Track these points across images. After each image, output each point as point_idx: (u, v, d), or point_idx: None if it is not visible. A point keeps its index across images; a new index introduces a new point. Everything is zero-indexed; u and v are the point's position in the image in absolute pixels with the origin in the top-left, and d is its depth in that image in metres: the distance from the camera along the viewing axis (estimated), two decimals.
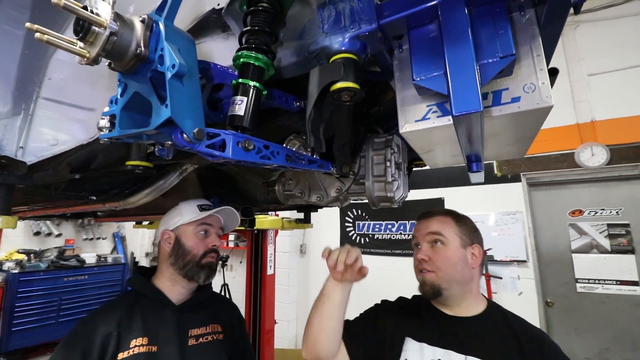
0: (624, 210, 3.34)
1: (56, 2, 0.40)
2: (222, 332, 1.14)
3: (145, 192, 1.22)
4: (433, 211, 1.15)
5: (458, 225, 1.08)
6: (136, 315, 1.02)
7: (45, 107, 0.76)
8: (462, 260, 1.03)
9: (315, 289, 4.57)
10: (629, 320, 3.12)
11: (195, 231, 1.11)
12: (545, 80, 0.63)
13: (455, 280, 1.02)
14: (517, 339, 0.96)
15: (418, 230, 1.13)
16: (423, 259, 1.06)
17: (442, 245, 1.04)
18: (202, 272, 1.08)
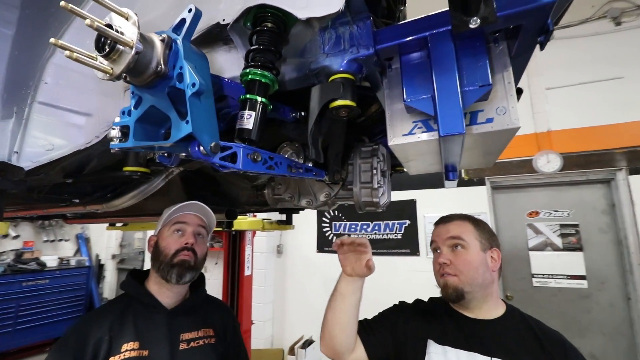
0: (574, 212, 3.69)
1: (90, 24, 0.43)
2: (215, 336, 1.14)
3: (129, 195, 1.21)
4: (451, 216, 1.16)
5: (477, 230, 1.09)
6: (128, 320, 1.02)
7: (41, 111, 0.75)
8: (483, 264, 1.04)
9: (292, 289, 4.63)
10: (577, 310, 3.46)
11: (170, 231, 1.11)
12: (515, 105, 0.73)
13: (477, 283, 1.03)
14: (538, 340, 0.97)
15: (438, 235, 1.13)
16: (445, 263, 1.06)
17: (463, 249, 1.05)
18: (172, 271, 1.06)
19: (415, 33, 0.66)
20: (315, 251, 4.53)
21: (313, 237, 4.57)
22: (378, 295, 3.97)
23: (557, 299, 3.58)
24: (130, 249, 6.05)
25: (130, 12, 0.48)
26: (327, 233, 4.52)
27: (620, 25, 3.43)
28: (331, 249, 4.44)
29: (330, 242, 4.47)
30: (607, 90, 3.43)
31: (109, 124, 0.79)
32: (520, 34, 0.66)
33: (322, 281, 4.42)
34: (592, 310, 3.42)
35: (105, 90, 0.80)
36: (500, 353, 0.95)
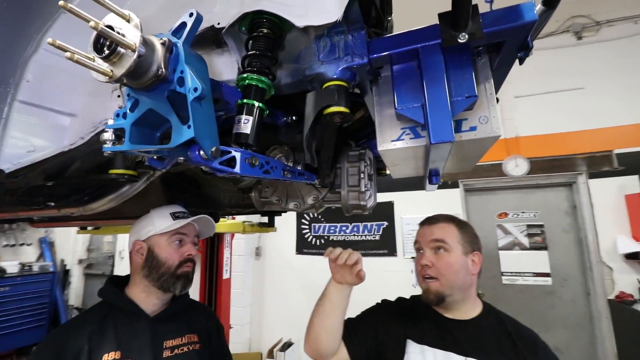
0: (540, 213, 3.92)
1: (94, 26, 0.42)
2: (199, 341, 1.12)
3: (108, 198, 1.17)
4: (437, 217, 1.18)
5: (460, 233, 1.11)
6: (108, 329, 0.97)
7: (22, 110, 0.71)
8: (463, 267, 1.06)
9: (270, 292, 4.60)
10: (542, 306, 3.68)
11: (169, 241, 1.07)
12: (496, 114, 0.78)
13: (457, 286, 1.06)
14: (511, 339, 1.01)
15: (422, 236, 1.15)
16: (426, 265, 1.08)
17: (446, 252, 1.07)
18: (178, 283, 1.05)
19: (407, 45, 0.69)
20: (295, 253, 4.53)
21: (292, 239, 4.57)
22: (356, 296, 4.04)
23: (524, 296, 3.79)
24: (99, 253, 5.75)
25: (132, 14, 0.48)
26: (307, 235, 4.52)
27: (581, 40, 3.71)
28: (311, 251, 4.45)
29: (309, 243, 4.48)
30: (569, 100, 3.69)
31: (95, 125, 0.76)
32: (502, 49, 0.71)
33: (302, 283, 4.42)
34: (556, 305, 3.65)
35: (92, 91, 0.77)
36: (475, 353, 0.99)
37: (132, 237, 1.12)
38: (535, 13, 0.62)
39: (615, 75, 3.54)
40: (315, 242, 4.45)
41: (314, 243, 4.44)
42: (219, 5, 0.72)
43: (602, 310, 3.33)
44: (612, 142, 3.52)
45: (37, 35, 0.73)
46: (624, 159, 3.46)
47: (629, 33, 3.53)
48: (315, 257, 4.42)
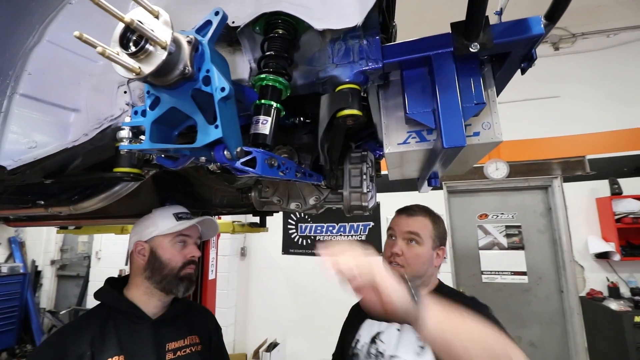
0: (517, 215, 4.10)
1: (129, 22, 0.41)
2: (200, 343, 1.10)
3: (100, 197, 1.12)
4: (415, 209, 1.23)
5: (434, 228, 1.18)
6: (110, 332, 0.94)
7: (23, 104, 0.67)
8: (429, 260, 1.15)
9: (255, 292, 4.54)
10: (519, 303, 3.85)
11: (172, 242, 1.05)
12: (498, 121, 0.82)
13: (419, 276, 1.15)
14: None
15: (398, 225, 1.20)
16: (397, 253, 1.15)
17: (417, 244, 1.14)
18: (181, 285, 1.04)
19: (420, 51, 0.71)
20: (281, 253, 4.51)
21: (279, 239, 4.54)
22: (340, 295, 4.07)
23: (502, 294, 3.94)
24: (72, 254, 5.49)
25: (161, 10, 0.47)
26: (293, 235, 4.51)
27: (558, 50, 3.91)
28: (297, 251, 4.44)
29: (296, 243, 4.47)
30: (546, 107, 3.87)
31: (100, 122, 0.74)
32: (507, 59, 0.75)
33: (288, 283, 4.40)
34: (532, 302, 3.83)
35: (97, 85, 0.75)
36: None
37: (133, 238, 1.08)
38: (542, 27, 0.66)
39: (588, 85, 3.75)
40: (302, 242, 4.45)
41: (301, 243, 4.44)
42: (233, 3, 0.72)
43: (574, 306, 3.52)
44: (585, 148, 3.74)
45: (39, 25, 0.70)
46: (595, 165, 3.68)
47: (602, 46, 3.75)
48: (302, 257, 4.41)
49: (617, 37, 3.72)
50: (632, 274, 3.33)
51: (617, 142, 3.63)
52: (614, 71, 3.72)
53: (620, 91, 3.68)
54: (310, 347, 4.14)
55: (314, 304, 4.20)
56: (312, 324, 4.19)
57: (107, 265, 4.69)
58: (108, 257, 4.74)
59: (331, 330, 1.46)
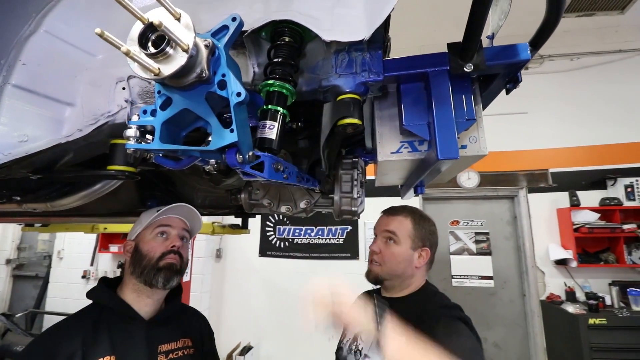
0: (486, 222, 4.32)
1: (157, 24, 0.41)
2: (193, 346, 1.09)
3: (80, 195, 1.08)
4: (397, 210, 1.26)
5: (414, 229, 1.19)
6: (102, 331, 0.92)
7: (15, 96, 0.63)
8: (407, 260, 1.16)
9: (230, 295, 4.45)
10: (486, 306, 4.05)
11: (153, 234, 1.04)
12: (484, 135, 0.88)
13: (396, 275, 1.18)
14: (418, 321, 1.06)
15: (379, 225, 1.25)
16: (374, 251, 1.20)
17: (394, 243, 1.17)
18: (159, 275, 1.00)
19: (418, 67, 0.75)
20: (258, 255, 4.46)
21: (256, 241, 4.49)
22: None
23: (470, 297, 4.14)
24: (31, 253, 5.11)
25: (183, 12, 0.47)
26: (271, 237, 4.48)
27: (527, 70, 4.18)
28: (275, 254, 4.42)
29: (274, 246, 4.44)
30: (514, 122, 4.12)
31: (96, 118, 0.72)
32: (494, 80, 0.81)
33: (264, 286, 4.36)
34: (497, 305, 4.04)
35: (94, 80, 0.73)
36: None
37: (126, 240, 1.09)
38: (529, 53, 0.73)
39: (553, 104, 4.05)
40: (279, 244, 4.42)
41: (279, 245, 4.42)
42: (240, 8, 0.72)
43: (535, 309, 3.76)
44: (548, 162, 4.02)
45: (36, 14, 0.67)
46: (557, 177, 3.96)
47: (566, 68, 4.07)
48: (279, 259, 4.39)
49: (580, 61, 4.05)
50: (587, 279, 3.61)
51: (577, 158, 3.94)
52: (576, 92, 4.05)
53: (581, 111, 4.01)
54: (285, 350, 4.12)
55: (290, 306, 4.18)
56: (287, 327, 4.17)
57: (69, 266, 4.41)
58: (71, 256, 4.45)
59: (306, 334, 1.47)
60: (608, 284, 3.50)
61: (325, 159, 0.80)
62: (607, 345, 2.94)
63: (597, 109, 3.98)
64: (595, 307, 3.15)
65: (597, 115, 3.96)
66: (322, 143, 0.74)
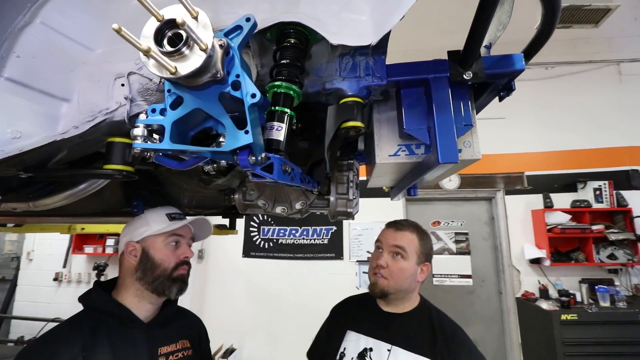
0: (465, 223, 4.47)
1: (181, 22, 0.41)
2: (191, 347, 1.07)
3: (65, 195, 1.03)
4: (404, 224, 1.27)
5: (420, 245, 1.21)
6: (101, 337, 0.88)
7: (8, 89, 0.60)
8: (413, 275, 1.19)
9: (212, 296, 4.37)
10: (464, 303, 4.19)
11: (165, 242, 1.01)
12: (477, 140, 0.92)
13: (402, 289, 1.19)
14: (433, 332, 1.13)
15: (386, 238, 1.24)
16: (382, 265, 1.19)
17: (402, 259, 1.18)
18: (174, 286, 1.00)
19: (420, 73, 0.78)
20: (241, 256, 4.40)
21: (239, 242, 4.43)
22: (304, 299, 4.10)
23: (450, 295, 4.26)
24: None
25: (201, 11, 0.47)
26: (255, 238, 4.44)
27: None
28: (259, 254, 4.37)
29: (258, 246, 4.40)
30: (493, 127, 4.28)
31: (94, 115, 0.69)
32: (489, 87, 0.85)
33: (247, 287, 4.31)
34: (475, 303, 4.19)
35: (92, 75, 0.70)
36: (400, 342, 1.13)
37: (124, 239, 1.03)
38: (523, 63, 0.77)
39: (529, 110, 4.25)
40: (264, 245, 4.39)
41: (263, 246, 4.38)
42: (246, 8, 0.72)
43: (511, 306, 3.92)
44: (524, 165, 4.22)
45: (31, 4, 0.64)
46: (532, 180, 4.16)
47: (541, 76, 4.28)
48: (263, 260, 4.35)
49: (554, 70, 4.27)
50: (559, 277, 3.82)
51: (551, 162, 4.15)
52: (550, 100, 4.26)
53: (554, 117, 4.23)
54: (268, 352, 4.09)
55: (273, 308, 4.16)
56: (270, 329, 4.14)
57: (40, 268, 4.18)
58: (42, 258, 4.22)
59: (290, 334, 1.49)
60: (578, 282, 3.71)
61: (329, 161, 0.81)
62: (577, 340, 3.12)
63: (569, 115, 4.21)
64: (567, 304, 3.33)
65: (569, 121, 4.19)
66: (327, 145, 0.75)
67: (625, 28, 4.26)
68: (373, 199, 4.29)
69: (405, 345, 1.12)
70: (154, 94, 0.71)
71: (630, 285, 3.76)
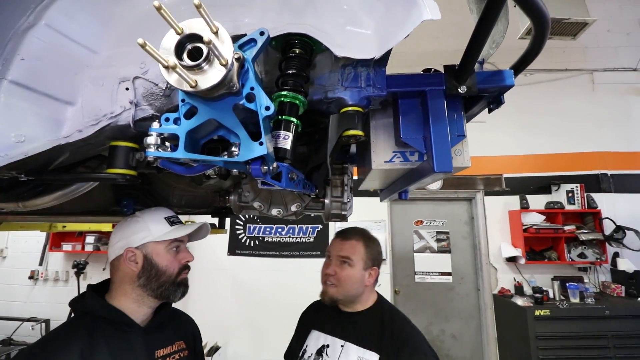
0: (447, 222, 4.62)
1: (207, 40, 0.42)
2: (187, 348, 1.07)
3: (56, 195, 1.01)
4: (350, 233, 1.32)
5: (366, 251, 1.27)
6: (99, 343, 0.86)
7: (12, 93, 0.59)
8: (360, 280, 1.24)
9: (196, 294, 4.34)
10: (444, 300, 4.34)
11: (167, 248, 0.99)
12: (467, 149, 0.97)
13: (350, 294, 1.25)
14: (382, 329, 1.19)
15: (333, 248, 1.31)
16: (330, 274, 1.26)
17: (349, 266, 1.24)
18: (178, 291, 0.99)
19: (418, 85, 0.82)
20: (227, 254, 4.37)
21: (224, 240, 4.39)
22: (290, 297, 4.12)
23: (431, 292, 4.40)
24: None
25: (221, 26, 0.48)
26: (241, 236, 4.41)
27: None
28: (244, 252, 4.36)
29: (243, 244, 4.38)
30: (474, 130, 4.43)
31: (98, 119, 0.69)
32: (480, 100, 0.90)
33: (232, 285, 4.29)
34: (454, 299, 4.34)
35: (96, 79, 0.70)
36: (352, 338, 1.21)
37: (119, 243, 0.98)
38: (513, 79, 0.82)
39: (508, 115, 4.41)
40: (249, 243, 4.37)
41: (249, 244, 4.36)
42: (251, 17, 0.73)
43: (488, 303, 4.10)
44: (502, 167, 4.39)
45: (35, 5, 0.63)
46: (509, 182, 4.35)
47: (521, 82, 4.46)
48: (249, 258, 4.34)
49: (532, 77, 4.46)
50: (533, 275, 4.02)
51: (527, 165, 4.35)
52: (528, 105, 4.45)
53: (532, 122, 4.42)
54: (253, 348, 4.09)
55: (258, 305, 4.16)
56: (255, 326, 4.14)
57: (14, 265, 3.99)
58: (16, 256, 4.04)
59: (276, 332, 1.53)
60: (551, 279, 3.92)
61: (330, 167, 0.83)
62: (550, 334, 3.30)
63: (545, 121, 4.42)
64: (540, 300, 3.52)
65: (545, 126, 4.40)
66: (329, 152, 0.77)
67: (599, 39, 4.51)
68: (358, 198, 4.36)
69: (356, 340, 1.19)
70: (159, 98, 0.72)
71: (598, 283, 4.01)
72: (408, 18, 0.60)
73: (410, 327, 1.22)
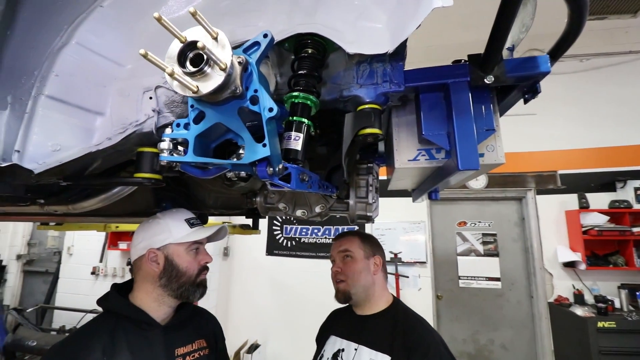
0: (494, 223, 4.31)
1: (201, 47, 0.43)
2: (207, 346, 1.10)
3: (100, 198, 1.10)
4: (344, 233, 1.40)
5: (362, 242, 1.32)
6: (120, 341, 0.92)
7: (49, 106, 0.66)
8: (365, 269, 1.27)
9: (237, 293, 4.50)
10: (492, 307, 4.05)
11: (188, 250, 1.04)
12: (501, 144, 0.89)
13: (360, 285, 1.25)
14: (394, 331, 1.16)
15: (333, 249, 1.36)
16: (337, 271, 1.30)
17: (351, 259, 1.28)
18: (197, 291, 1.04)
19: (439, 78, 0.76)
20: (265, 254, 4.49)
21: (263, 240, 4.53)
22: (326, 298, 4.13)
23: (477, 298, 4.13)
24: (41, 249, 5.20)
25: (220, 32, 0.49)
26: (278, 236, 4.51)
27: None
28: (282, 252, 4.45)
29: (280, 245, 4.48)
30: (523, 124, 4.09)
31: (125, 127, 0.74)
32: (513, 90, 0.82)
33: (270, 284, 4.40)
34: (504, 307, 4.03)
35: (122, 90, 0.75)
36: (365, 341, 1.20)
37: (141, 244, 1.03)
38: (549, 65, 0.73)
39: (562, 105, 4.01)
40: (286, 243, 4.46)
41: (286, 244, 4.45)
42: (264, 20, 0.74)
43: (543, 311, 3.74)
44: (557, 163, 3.99)
45: (67, 26, 0.69)
46: (565, 179, 3.94)
47: (575, 69, 4.03)
48: (286, 258, 4.43)
49: (589, 62, 4.01)
50: (595, 282, 3.59)
51: (586, 160, 3.91)
52: (585, 94, 4.01)
53: (590, 113, 3.97)
54: (291, 348, 4.16)
55: (296, 305, 4.22)
56: (293, 326, 4.20)
57: (79, 262, 4.48)
58: (81, 253, 4.53)
59: (312, 332, 1.52)
60: (617, 287, 3.47)
61: (346, 167, 0.81)
62: (616, 349, 2.92)
63: (606, 110, 3.93)
64: (604, 310, 3.13)
65: (606, 117, 3.92)
66: (345, 152, 0.75)
67: None
68: (395, 198, 4.24)
69: (369, 344, 1.18)
70: (179, 105, 0.75)
71: None
72: (419, 7, 0.56)
73: (423, 327, 1.18)
